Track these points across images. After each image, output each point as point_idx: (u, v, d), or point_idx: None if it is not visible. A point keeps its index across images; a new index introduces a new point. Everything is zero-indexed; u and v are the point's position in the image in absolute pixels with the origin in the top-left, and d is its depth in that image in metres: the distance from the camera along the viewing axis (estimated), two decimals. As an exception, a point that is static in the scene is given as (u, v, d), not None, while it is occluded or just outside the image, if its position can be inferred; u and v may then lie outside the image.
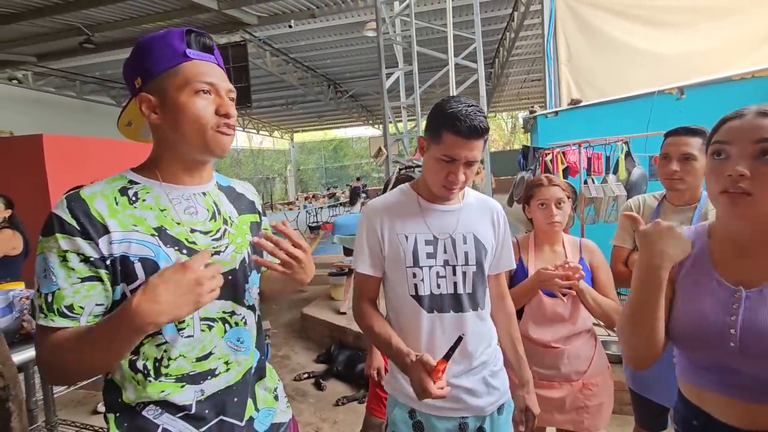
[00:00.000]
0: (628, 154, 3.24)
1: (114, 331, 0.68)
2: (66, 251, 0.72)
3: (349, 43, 8.23)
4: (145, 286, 0.67)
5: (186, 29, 0.79)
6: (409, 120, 6.21)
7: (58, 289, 0.72)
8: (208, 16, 6.00)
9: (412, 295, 1.09)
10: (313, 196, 13.91)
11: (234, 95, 0.84)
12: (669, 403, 1.48)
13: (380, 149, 5.65)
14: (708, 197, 0.85)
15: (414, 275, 1.09)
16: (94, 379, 1.95)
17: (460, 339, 0.94)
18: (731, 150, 0.76)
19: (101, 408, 2.74)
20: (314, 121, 16.86)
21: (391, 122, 5.69)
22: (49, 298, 0.72)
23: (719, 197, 0.77)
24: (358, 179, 15.97)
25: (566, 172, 3.50)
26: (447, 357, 0.94)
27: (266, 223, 1.01)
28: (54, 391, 1.96)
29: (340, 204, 12.94)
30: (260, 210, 0.99)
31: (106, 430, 0.80)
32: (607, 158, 3.40)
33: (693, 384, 0.86)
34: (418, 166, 4.47)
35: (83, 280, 0.73)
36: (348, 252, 4.54)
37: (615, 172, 3.27)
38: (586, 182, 3.19)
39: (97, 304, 0.75)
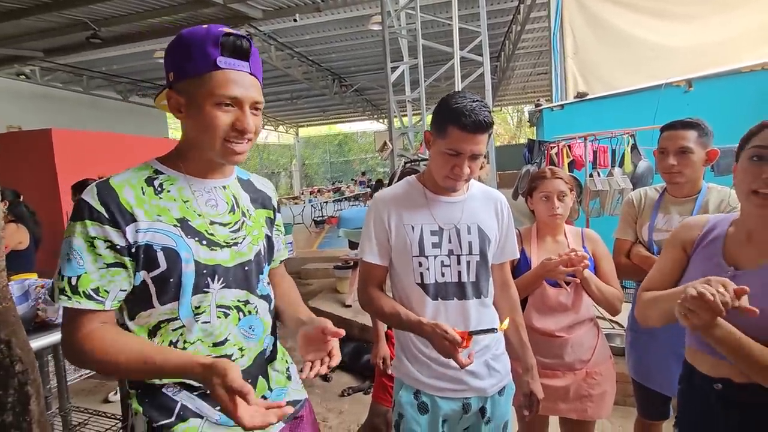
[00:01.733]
0: (634, 147, 3.22)
1: (168, 374, 0.77)
2: (94, 237, 0.75)
3: (354, 37, 8.19)
4: (213, 379, 0.70)
5: (224, 32, 0.78)
6: (414, 114, 6.19)
7: (85, 272, 0.75)
8: (214, 10, 6.00)
9: (417, 283, 1.13)
10: (318, 191, 13.94)
11: (261, 105, 0.84)
12: (671, 392, 1.49)
13: (385, 143, 5.64)
14: (736, 191, 0.91)
15: (420, 264, 1.12)
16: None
17: (493, 330, 1.03)
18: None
19: (112, 397, 2.80)
20: (319, 116, 16.85)
21: (396, 116, 5.69)
22: (74, 281, 0.75)
23: (750, 196, 0.85)
24: (363, 174, 15.98)
25: (572, 166, 3.49)
26: (472, 333, 1.00)
27: (279, 219, 1.03)
28: (67, 379, 2.01)
29: (355, 196, 12.93)
30: (275, 206, 1.02)
31: (121, 415, 0.84)
32: (613, 151, 3.38)
33: (688, 345, 1.00)
34: (423, 159, 4.47)
35: (109, 266, 0.77)
36: (353, 245, 4.55)
37: (621, 165, 3.26)
38: (591, 175, 3.18)
39: (121, 290, 0.79)
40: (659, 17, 4.91)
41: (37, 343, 1.42)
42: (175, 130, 19.14)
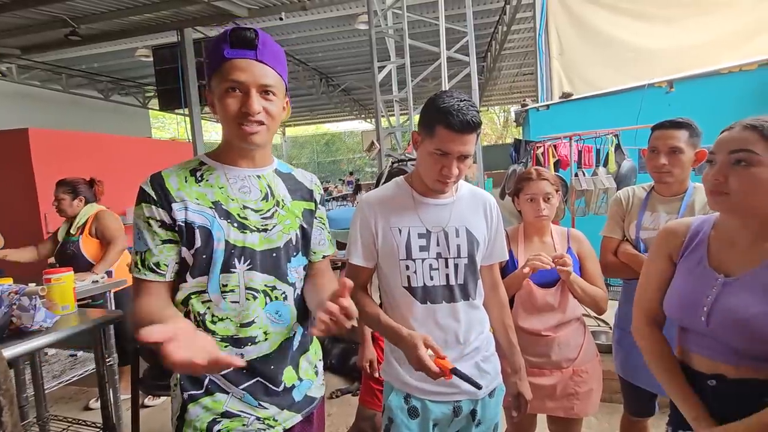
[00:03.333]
0: (617, 147, 3.27)
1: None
2: (149, 218, 0.88)
3: (340, 36, 8.15)
4: None
5: (232, 28, 0.88)
6: (401, 114, 6.19)
7: (147, 249, 0.88)
8: (198, 8, 5.89)
9: (405, 287, 1.11)
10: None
11: (273, 89, 0.90)
12: (657, 389, 1.51)
13: (373, 143, 5.63)
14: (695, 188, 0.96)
15: (407, 267, 1.11)
16: (85, 374, 1.95)
17: (478, 387, 1.01)
18: (716, 158, 0.91)
19: (93, 405, 2.73)
20: (306, 115, 16.73)
21: (383, 116, 5.67)
22: (142, 257, 0.89)
23: (707, 194, 0.94)
24: (350, 173, 15.92)
25: (557, 165, 3.53)
26: (455, 372, 0.98)
27: (322, 211, 1.08)
28: (45, 387, 1.94)
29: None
30: (317, 200, 1.07)
31: (102, 423, 0.83)
32: (598, 151, 3.44)
33: (680, 344, 1.01)
34: (410, 159, 4.46)
35: (164, 242, 0.89)
36: (341, 246, 4.51)
37: (605, 164, 3.31)
38: (576, 175, 3.22)
39: (175, 263, 0.91)
40: (641, 19, 5.02)
41: (12, 351, 1.36)
42: (158, 129, 18.78)
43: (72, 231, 2.63)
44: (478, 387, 1.00)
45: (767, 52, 4.01)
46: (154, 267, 0.88)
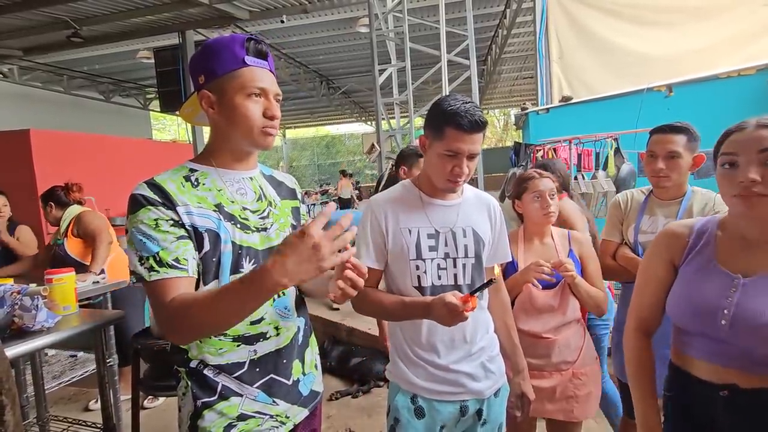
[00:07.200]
0: (617, 151, 3.28)
1: (246, 292, 0.74)
2: (156, 219, 0.84)
3: (341, 39, 8.18)
4: (274, 253, 0.72)
5: (247, 37, 0.92)
6: (401, 116, 6.21)
7: (161, 249, 0.83)
8: (199, 10, 5.92)
9: (415, 287, 1.13)
10: (306, 193, 13.85)
11: (280, 98, 0.96)
12: (656, 393, 1.52)
13: (373, 145, 5.65)
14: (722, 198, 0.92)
15: (417, 267, 1.13)
16: (85, 375, 1.95)
17: (491, 282, 1.02)
18: (739, 159, 0.85)
19: (93, 406, 2.73)
20: (306, 118, 16.75)
21: (383, 118, 5.70)
22: (157, 258, 0.82)
23: (733, 200, 0.88)
24: (351, 176, 15.93)
25: (557, 169, 3.53)
26: (473, 293, 0.99)
27: (304, 209, 1.13)
28: (45, 387, 1.95)
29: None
30: (300, 198, 1.12)
31: (102, 423, 0.83)
32: (597, 154, 3.44)
33: (681, 351, 0.96)
34: (410, 162, 4.46)
35: (178, 238, 0.85)
36: (341, 248, 4.52)
37: (604, 168, 3.32)
38: (576, 178, 3.23)
39: (193, 258, 0.86)
40: (639, 24, 5.03)
41: (14, 350, 1.36)
42: (158, 131, 18.80)
43: (59, 235, 2.68)
44: (491, 282, 1.02)
45: (766, 57, 4.03)
46: (174, 263, 0.83)
